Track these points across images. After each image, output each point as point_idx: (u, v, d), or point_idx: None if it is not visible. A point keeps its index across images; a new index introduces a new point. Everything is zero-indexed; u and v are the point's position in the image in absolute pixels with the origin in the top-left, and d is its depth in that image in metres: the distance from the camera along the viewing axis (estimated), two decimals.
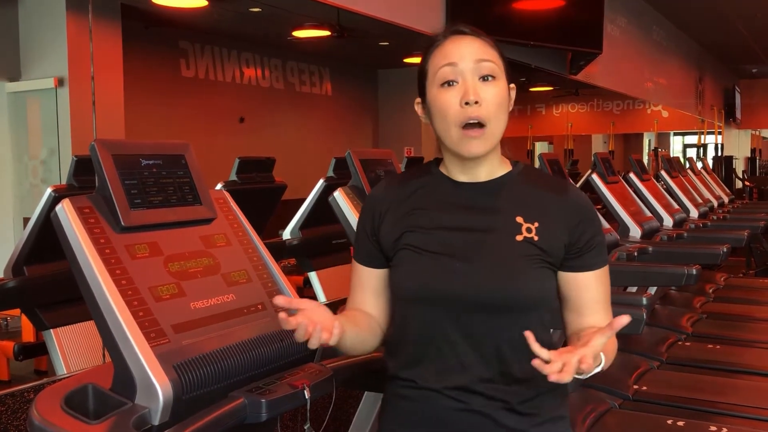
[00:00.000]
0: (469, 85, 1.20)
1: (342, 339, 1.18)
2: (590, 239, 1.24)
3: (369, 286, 1.31)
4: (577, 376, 1.07)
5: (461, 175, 1.27)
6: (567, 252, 1.23)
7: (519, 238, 1.21)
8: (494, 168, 1.27)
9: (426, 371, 1.23)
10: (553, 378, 1.01)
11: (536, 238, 1.21)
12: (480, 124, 1.20)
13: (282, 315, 1.11)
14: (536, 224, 1.22)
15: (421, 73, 1.27)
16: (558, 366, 1.02)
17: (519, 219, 1.22)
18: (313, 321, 1.11)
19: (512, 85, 1.28)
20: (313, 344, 1.11)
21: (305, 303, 1.13)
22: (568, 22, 5.34)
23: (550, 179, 1.32)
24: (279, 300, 1.12)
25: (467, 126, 1.20)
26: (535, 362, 1.03)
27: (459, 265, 1.20)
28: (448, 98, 1.21)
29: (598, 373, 1.14)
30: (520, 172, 1.29)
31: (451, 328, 1.21)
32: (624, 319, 1.06)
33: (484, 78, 1.21)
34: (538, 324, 1.21)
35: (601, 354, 1.12)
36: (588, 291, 1.25)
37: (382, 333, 1.33)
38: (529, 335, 1.04)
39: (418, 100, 1.29)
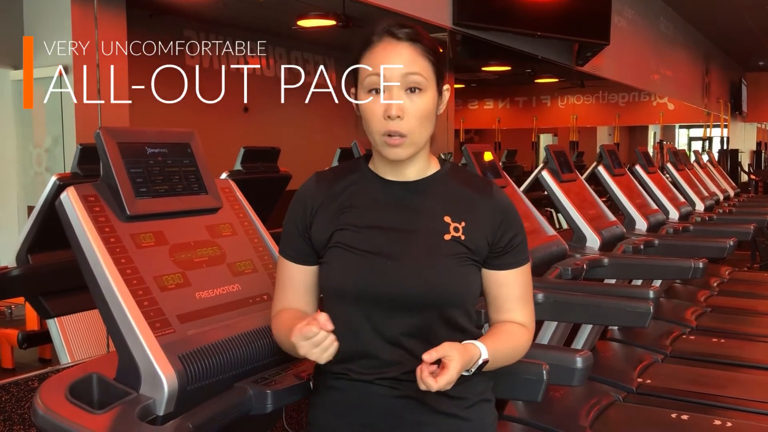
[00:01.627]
0: (393, 99, 1.21)
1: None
2: (511, 239, 1.29)
3: (301, 283, 1.31)
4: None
5: (390, 174, 1.29)
6: (490, 250, 1.28)
7: (447, 237, 1.25)
8: (422, 167, 1.30)
9: (358, 366, 1.25)
10: (428, 385, 1.11)
11: (463, 237, 1.25)
12: (401, 135, 1.22)
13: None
14: (463, 224, 1.26)
15: (354, 69, 1.27)
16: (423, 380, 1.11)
17: (447, 218, 1.26)
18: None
19: (446, 87, 1.29)
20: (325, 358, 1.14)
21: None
22: (576, 13, 5.31)
23: (476, 179, 1.35)
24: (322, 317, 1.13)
25: (389, 135, 1.22)
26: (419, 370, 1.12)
27: (389, 264, 1.23)
28: (373, 108, 1.23)
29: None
30: (447, 171, 1.32)
31: (382, 325, 1.23)
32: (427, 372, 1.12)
33: (412, 89, 1.23)
34: (465, 318, 1.27)
35: (480, 347, 1.20)
36: (508, 288, 1.31)
37: None
38: (426, 378, 1.11)
39: (352, 90, 1.29)
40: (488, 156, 2.93)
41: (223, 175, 3.02)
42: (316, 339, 1.12)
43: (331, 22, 5.89)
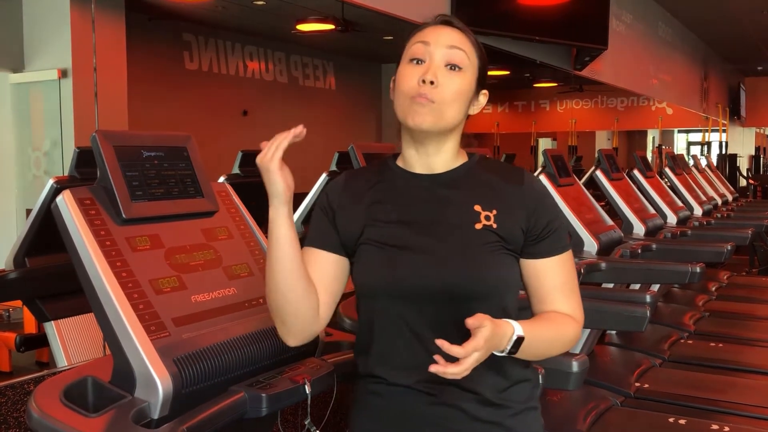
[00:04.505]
0: (433, 66, 1.21)
1: (288, 250, 1.17)
2: (547, 224, 1.25)
3: (317, 267, 1.25)
4: (496, 353, 1.13)
5: (419, 167, 1.28)
6: (526, 238, 1.24)
7: (478, 226, 1.22)
8: (450, 160, 1.29)
9: (397, 367, 1.23)
10: (447, 371, 1.05)
11: (495, 226, 1.22)
12: (430, 100, 1.21)
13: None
14: (494, 212, 1.23)
15: (401, 53, 1.29)
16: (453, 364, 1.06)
17: (477, 208, 1.23)
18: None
19: (484, 92, 1.30)
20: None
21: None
22: (574, 17, 5.32)
23: (506, 168, 1.33)
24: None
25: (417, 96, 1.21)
26: (438, 357, 1.06)
27: (421, 257, 1.20)
28: (410, 73, 1.23)
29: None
30: (476, 162, 1.30)
31: (419, 321, 1.21)
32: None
33: (452, 67, 1.23)
34: (501, 311, 1.20)
35: (514, 324, 1.14)
36: (549, 277, 1.26)
37: (318, 318, 1.25)
38: (442, 343, 1.05)
39: (395, 77, 1.29)
40: None
41: (221, 179, 3.03)
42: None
43: (330, 27, 5.90)
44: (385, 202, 1.26)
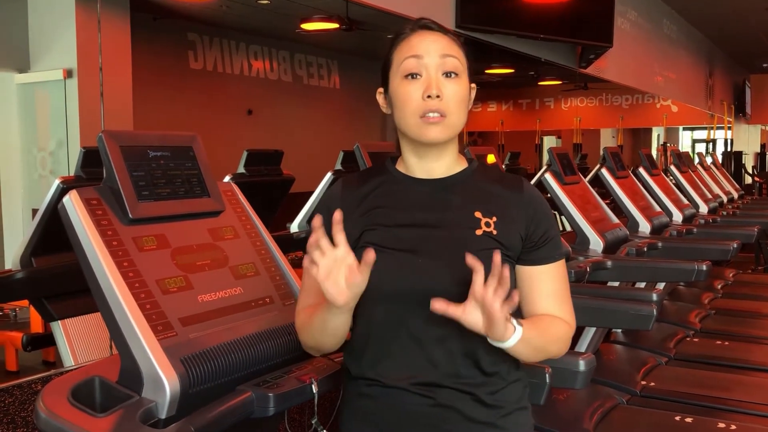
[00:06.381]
0: (432, 79, 1.22)
1: (342, 316, 1.17)
2: (545, 233, 1.27)
3: None
4: (494, 343, 1.11)
5: (419, 172, 1.28)
6: (524, 245, 1.26)
7: (479, 232, 1.23)
8: (451, 165, 1.29)
9: (392, 370, 1.22)
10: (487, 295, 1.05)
11: (495, 233, 1.23)
12: (440, 114, 1.22)
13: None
14: (494, 219, 1.24)
15: (386, 63, 1.28)
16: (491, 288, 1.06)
17: (477, 214, 1.24)
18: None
19: (473, 85, 1.30)
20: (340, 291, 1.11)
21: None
22: (579, 15, 5.31)
23: (505, 176, 1.34)
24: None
25: (427, 116, 1.22)
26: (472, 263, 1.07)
27: (421, 261, 1.21)
28: (411, 90, 1.23)
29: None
30: (475, 169, 1.31)
31: (417, 324, 1.20)
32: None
33: (448, 74, 1.23)
34: None
35: (515, 323, 1.12)
36: (543, 284, 1.27)
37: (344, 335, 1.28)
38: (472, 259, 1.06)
39: (381, 90, 1.30)
40: (491, 158, 2.93)
41: (227, 178, 3.03)
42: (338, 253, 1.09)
43: (334, 26, 5.90)
44: (385, 206, 1.26)
